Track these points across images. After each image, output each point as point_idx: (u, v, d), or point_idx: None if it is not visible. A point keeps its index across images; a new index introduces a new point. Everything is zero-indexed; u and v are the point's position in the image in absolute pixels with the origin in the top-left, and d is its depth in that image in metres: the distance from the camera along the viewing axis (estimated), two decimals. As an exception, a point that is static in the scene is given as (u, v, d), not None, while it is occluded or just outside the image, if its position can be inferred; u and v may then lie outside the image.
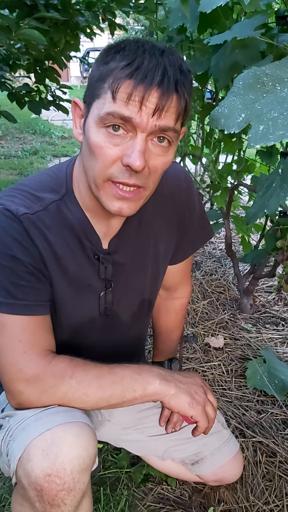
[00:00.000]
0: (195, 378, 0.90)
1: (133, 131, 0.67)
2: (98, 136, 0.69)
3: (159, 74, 0.64)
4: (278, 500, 1.17)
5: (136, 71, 0.64)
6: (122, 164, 0.69)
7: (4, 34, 1.70)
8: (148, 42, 0.68)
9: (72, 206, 0.81)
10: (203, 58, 1.59)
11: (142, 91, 0.64)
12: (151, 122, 0.66)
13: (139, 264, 0.92)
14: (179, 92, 0.67)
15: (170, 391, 0.82)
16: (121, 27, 2.65)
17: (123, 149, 0.68)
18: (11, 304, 0.75)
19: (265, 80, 0.68)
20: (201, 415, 0.84)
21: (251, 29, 1.03)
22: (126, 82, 0.64)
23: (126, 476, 1.24)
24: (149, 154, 0.70)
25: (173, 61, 0.67)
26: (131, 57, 0.65)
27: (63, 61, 2.59)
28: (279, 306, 2.16)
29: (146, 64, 0.64)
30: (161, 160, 0.71)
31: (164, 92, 0.65)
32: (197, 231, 1.00)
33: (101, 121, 0.68)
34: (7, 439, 0.78)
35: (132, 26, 12.37)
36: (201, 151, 2.33)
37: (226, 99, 0.72)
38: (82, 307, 0.88)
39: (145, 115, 0.65)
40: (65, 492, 0.69)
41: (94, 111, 0.69)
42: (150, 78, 0.64)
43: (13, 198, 0.78)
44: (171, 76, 0.65)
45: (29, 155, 5.65)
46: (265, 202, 0.96)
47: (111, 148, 0.68)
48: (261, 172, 2.08)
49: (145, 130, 0.67)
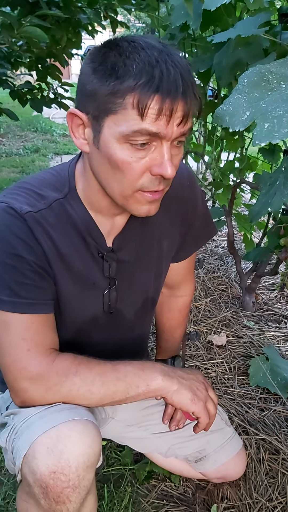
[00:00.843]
0: (197, 375, 0.91)
1: (158, 141, 0.68)
2: (123, 152, 0.68)
3: (181, 83, 0.63)
4: (281, 497, 1.18)
5: (160, 86, 0.62)
6: (152, 174, 0.70)
7: (6, 32, 1.70)
8: (146, 43, 0.65)
9: (75, 204, 0.81)
10: (206, 55, 1.58)
11: (169, 104, 0.63)
12: (176, 131, 0.67)
13: (143, 261, 0.92)
14: (195, 94, 0.67)
15: (173, 387, 0.83)
16: (123, 25, 2.65)
17: (151, 160, 0.69)
18: (15, 303, 0.75)
19: (270, 78, 0.68)
20: (203, 411, 0.85)
21: (254, 27, 1.03)
22: (153, 98, 0.63)
23: (130, 473, 1.25)
24: (171, 157, 0.70)
25: (181, 62, 0.66)
26: (147, 70, 0.62)
27: (64, 59, 2.58)
28: (282, 304, 2.17)
29: (166, 75, 0.63)
30: (178, 158, 0.73)
31: (187, 100, 0.65)
32: (200, 228, 1.01)
33: (125, 138, 0.67)
34: (12, 437, 0.78)
35: (133, 24, 12.34)
36: (203, 149, 2.32)
37: (231, 97, 0.72)
38: (86, 305, 0.88)
39: (173, 127, 0.66)
40: (70, 489, 0.69)
41: (111, 127, 0.67)
42: (174, 90, 0.63)
43: (16, 196, 0.78)
44: (187, 81, 0.65)
45: (30, 153, 5.65)
46: (269, 200, 0.96)
47: (139, 162, 0.69)
48: (263, 170, 2.08)
49: (170, 139, 0.68)
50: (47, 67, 2.54)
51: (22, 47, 2.21)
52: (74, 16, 2.21)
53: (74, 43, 2.47)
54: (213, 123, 2.05)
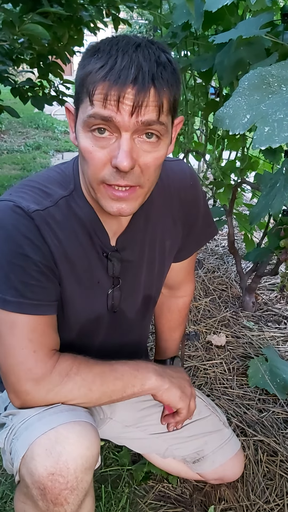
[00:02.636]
0: (182, 373, 0.98)
1: (118, 132, 0.67)
2: (86, 140, 0.69)
3: (133, 71, 0.64)
4: (279, 499, 1.18)
5: (110, 72, 0.64)
6: (112, 166, 0.69)
7: (8, 29, 1.69)
8: (123, 39, 0.67)
9: (81, 202, 0.81)
10: (208, 54, 1.58)
11: (117, 90, 0.63)
12: (132, 120, 0.65)
13: (146, 261, 0.92)
14: (157, 86, 0.65)
15: (164, 386, 0.88)
16: (125, 22, 2.64)
17: (110, 151, 0.68)
18: (20, 303, 0.75)
19: (270, 81, 0.68)
20: (187, 408, 0.94)
21: (257, 28, 1.02)
22: (101, 84, 0.64)
23: (127, 473, 1.25)
24: (137, 152, 0.69)
25: (149, 54, 0.65)
26: (104, 58, 0.65)
27: (66, 56, 2.57)
28: (281, 304, 2.16)
29: (119, 63, 0.64)
30: (151, 156, 0.70)
31: (140, 89, 0.64)
32: (201, 228, 1.01)
33: (86, 125, 0.68)
34: (10, 438, 0.78)
35: (136, 20, 12.29)
36: (205, 148, 2.31)
37: (231, 100, 0.71)
38: (90, 304, 0.88)
39: (125, 114, 0.65)
40: (68, 491, 0.69)
41: (80, 116, 0.70)
42: (124, 77, 0.63)
43: (23, 195, 0.78)
44: (146, 71, 0.64)
45: (32, 150, 5.63)
46: (269, 202, 0.95)
47: (99, 152, 0.68)
48: (264, 169, 2.07)
49: (128, 129, 0.66)
50: (48, 64, 2.53)
51: (23, 44, 2.20)
52: (76, 13, 2.20)
53: (76, 41, 2.45)
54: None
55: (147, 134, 0.69)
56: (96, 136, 0.68)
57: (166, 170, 0.86)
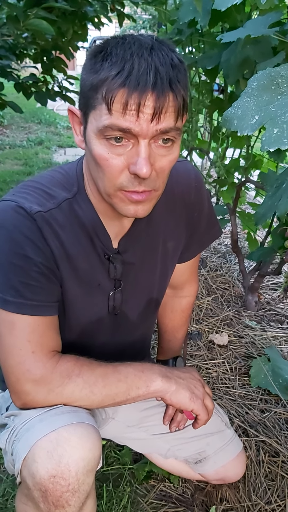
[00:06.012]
0: (193, 373, 0.93)
1: (135, 139, 0.66)
2: (100, 148, 0.68)
3: (151, 77, 0.62)
4: (280, 500, 1.18)
5: (128, 79, 0.62)
6: (130, 172, 0.68)
7: (12, 24, 1.68)
8: (133, 41, 0.65)
9: (84, 204, 0.81)
10: (213, 52, 1.56)
11: (137, 98, 0.62)
12: (151, 128, 0.65)
13: (148, 263, 0.92)
14: (174, 90, 0.64)
15: (171, 388, 0.84)
16: (130, 17, 2.62)
17: (128, 157, 0.67)
18: (20, 304, 0.75)
19: (280, 82, 0.67)
20: (201, 408, 0.87)
21: (264, 27, 1.01)
22: (120, 92, 0.62)
23: (129, 472, 1.24)
24: (154, 157, 0.68)
25: (164, 57, 0.64)
26: (120, 64, 0.62)
27: (70, 52, 2.55)
28: (284, 304, 2.16)
29: (137, 69, 0.62)
30: (166, 159, 0.70)
31: (159, 95, 0.63)
32: (205, 230, 1.00)
33: (101, 133, 0.66)
34: (12, 439, 0.78)
35: (140, 15, 12.23)
36: (209, 146, 2.30)
37: (240, 100, 0.70)
38: (91, 306, 0.88)
39: (144, 123, 0.64)
40: (69, 494, 0.69)
41: (92, 122, 0.68)
42: (143, 84, 0.62)
43: (26, 195, 0.77)
44: (164, 75, 0.63)
45: (34, 145, 5.62)
46: (275, 203, 0.94)
47: (116, 159, 0.67)
48: (269, 168, 2.06)
49: (146, 137, 0.65)
50: (52, 59, 2.51)
51: (27, 39, 2.18)
52: (80, 8, 2.18)
53: (80, 36, 2.44)
54: (218, 119, 2.03)
55: (164, 140, 0.68)
56: (112, 144, 0.66)
57: (171, 171, 0.86)
